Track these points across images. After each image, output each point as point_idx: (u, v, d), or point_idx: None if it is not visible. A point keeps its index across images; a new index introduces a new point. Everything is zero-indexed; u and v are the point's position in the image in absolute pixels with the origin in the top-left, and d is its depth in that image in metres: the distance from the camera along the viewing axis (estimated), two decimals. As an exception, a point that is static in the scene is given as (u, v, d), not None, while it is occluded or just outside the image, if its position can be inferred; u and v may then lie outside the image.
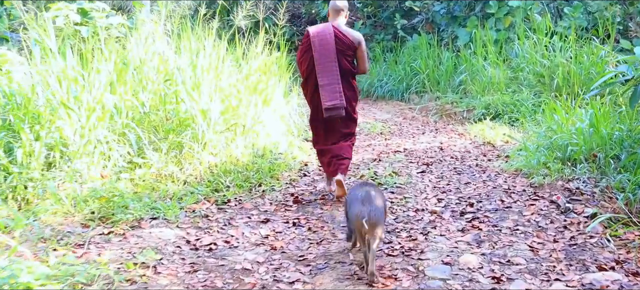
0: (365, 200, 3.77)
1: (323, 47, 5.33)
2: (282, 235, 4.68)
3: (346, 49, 5.42)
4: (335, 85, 5.33)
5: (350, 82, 5.52)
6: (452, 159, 7.28)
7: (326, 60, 5.32)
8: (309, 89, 5.55)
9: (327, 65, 5.33)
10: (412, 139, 8.75)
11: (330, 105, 5.33)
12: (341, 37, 5.41)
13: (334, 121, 5.49)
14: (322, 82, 5.34)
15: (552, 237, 4.47)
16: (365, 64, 5.57)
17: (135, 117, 6.21)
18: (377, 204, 3.79)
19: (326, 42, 5.34)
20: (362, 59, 5.52)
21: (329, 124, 5.53)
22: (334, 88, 5.33)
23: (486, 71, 11.26)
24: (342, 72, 5.40)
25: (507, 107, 9.97)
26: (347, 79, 5.48)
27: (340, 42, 5.39)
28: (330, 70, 5.33)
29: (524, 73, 10.83)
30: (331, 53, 5.33)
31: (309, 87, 5.54)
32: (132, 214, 4.78)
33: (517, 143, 7.67)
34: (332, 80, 5.33)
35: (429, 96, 12.51)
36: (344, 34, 5.44)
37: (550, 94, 10.17)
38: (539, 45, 11.09)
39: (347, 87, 5.47)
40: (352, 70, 5.52)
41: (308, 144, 8.06)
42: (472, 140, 8.47)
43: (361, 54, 5.49)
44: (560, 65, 10.28)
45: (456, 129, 9.54)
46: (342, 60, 5.40)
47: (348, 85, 5.48)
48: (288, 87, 8.98)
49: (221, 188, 5.70)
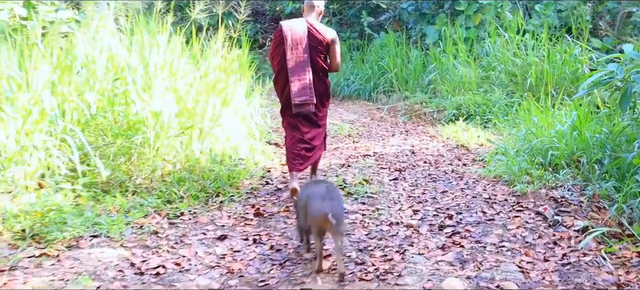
0: (326, 197, 3.67)
1: (295, 42, 5.26)
2: (241, 254, 4.11)
3: (319, 46, 5.34)
4: (305, 81, 5.27)
5: (322, 79, 5.46)
6: (426, 164, 6.79)
7: (298, 55, 5.26)
8: (280, 84, 5.46)
9: (298, 61, 5.27)
10: (381, 142, 8.24)
11: (300, 101, 5.27)
12: (315, 34, 5.31)
13: (304, 116, 5.41)
14: (292, 78, 5.27)
15: (542, 255, 4.00)
16: (338, 61, 5.47)
17: (80, 120, 5.59)
18: (338, 199, 3.75)
19: (299, 37, 5.27)
20: (335, 57, 5.43)
21: (300, 119, 5.43)
22: (305, 84, 5.27)
23: (457, 70, 10.83)
24: (314, 68, 5.33)
25: (479, 107, 9.56)
26: (319, 75, 5.41)
27: (313, 38, 5.30)
28: (301, 66, 5.27)
29: (496, 72, 10.44)
30: (303, 49, 5.26)
31: (280, 81, 5.44)
32: (70, 231, 4.17)
33: (493, 146, 7.24)
34: (302, 77, 5.27)
35: (398, 96, 12.03)
36: (318, 30, 5.34)
37: (523, 93, 9.80)
38: (510, 44, 10.72)
39: (320, 83, 5.42)
40: (324, 67, 5.44)
41: (271, 147, 7.51)
42: (445, 143, 8.00)
43: (334, 51, 5.41)
44: (533, 64, 9.92)
45: (427, 131, 9.07)
46: (315, 56, 5.33)
47: (320, 82, 5.43)
48: (250, 86, 8.41)
49: (174, 199, 5.11)
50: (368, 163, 6.79)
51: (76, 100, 5.53)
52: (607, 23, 12.52)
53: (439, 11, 12.95)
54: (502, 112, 9.38)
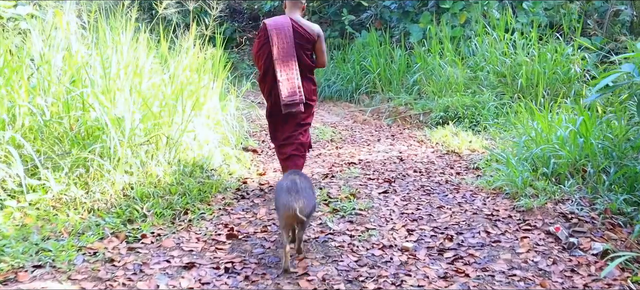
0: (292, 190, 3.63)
1: (281, 40, 5.10)
2: (210, 288, 3.48)
3: (305, 43, 5.20)
4: (294, 80, 5.11)
5: (309, 76, 5.34)
6: (417, 174, 6.20)
7: (285, 54, 5.09)
8: (267, 84, 5.25)
9: (285, 60, 5.10)
10: (366, 148, 7.64)
11: (289, 100, 5.10)
12: (300, 31, 5.17)
13: (293, 116, 5.26)
14: (280, 77, 5.08)
15: (560, 286, 3.43)
16: (324, 58, 5.36)
17: (33, 127, 4.92)
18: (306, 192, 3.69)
19: (285, 35, 5.11)
20: (321, 53, 5.32)
21: (288, 118, 5.28)
22: (293, 83, 5.11)
23: (443, 70, 10.27)
24: (301, 66, 5.19)
25: (467, 109, 9.01)
26: (306, 73, 5.28)
27: (299, 35, 5.16)
28: (289, 64, 5.11)
29: (484, 72, 9.91)
30: (290, 47, 5.11)
31: (267, 81, 5.24)
32: (8, 261, 3.52)
33: (486, 153, 6.69)
34: (290, 75, 5.10)
35: (381, 97, 11.44)
36: (303, 27, 5.20)
37: (513, 95, 9.28)
38: (498, 43, 10.20)
39: (307, 80, 5.28)
40: (311, 65, 5.31)
41: (248, 154, 6.88)
42: (435, 149, 7.43)
43: (320, 47, 5.29)
44: (523, 64, 9.40)
45: (414, 135, 8.50)
46: (301, 54, 5.18)
47: (307, 79, 5.30)
48: (225, 88, 7.78)
49: (136, 217, 4.46)
50: (354, 172, 6.18)
51: (27, 104, 4.87)
52: (595, 22, 12.05)
53: (423, 9, 12.39)
54: (492, 115, 8.86)
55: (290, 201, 3.52)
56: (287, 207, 3.53)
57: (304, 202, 3.57)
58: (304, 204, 3.56)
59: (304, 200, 3.57)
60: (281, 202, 3.62)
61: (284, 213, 3.58)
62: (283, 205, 3.58)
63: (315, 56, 5.37)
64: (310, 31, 5.20)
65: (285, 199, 3.57)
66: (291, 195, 3.56)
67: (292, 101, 5.10)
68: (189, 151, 5.64)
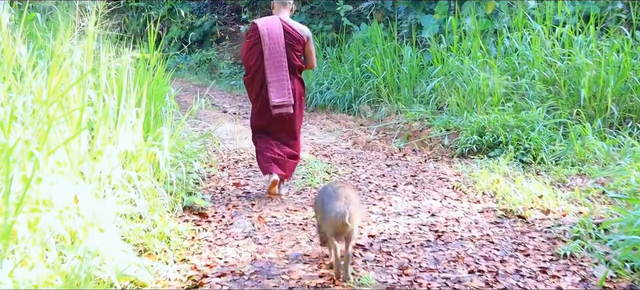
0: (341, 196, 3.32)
1: (273, 41, 4.92)
2: None
3: (295, 44, 5.03)
4: (284, 81, 4.96)
5: (299, 77, 5.15)
6: (476, 275, 3.39)
7: (275, 55, 4.93)
8: (256, 86, 5.04)
9: (276, 61, 4.94)
10: (378, 204, 4.78)
11: (278, 102, 4.91)
12: (290, 31, 5.01)
13: (281, 119, 4.99)
14: (270, 78, 4.93)
15: None
16: (314, 59, 5.29)
17: None
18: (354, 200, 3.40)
19: (276, 36, 4.94)
20: (311, 54, 5.21)
21: (276, 121, 5.00)
22: (283, 84, 4.95)
23: (471, 76, 7.51)
24: (291, 67, 5.01)
25: (511, 131, 6.28)
26: (296, 74, 5.09)
27: (289, 36, 4.99)
28: (279, 65, 4.94)
29: (527, 79, 7.17)
30: (280, 47, 4.95)
31: (256, 83, 5.03)
32: None
33: (566, 216, 4.00)
34: (281, 77, 4.95)
35: (388, 108, 8.63)
36: (293, 27, 5.04)
37: (571, 110, 6.57)
38: (546, 40, 7.46)
39: (297, 82, 5.09)
40: (301, 66, 5.13)
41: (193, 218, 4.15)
42: (484, 207, 4.61)
43: (310, 48, 5.16)
44: (585, 68, 6.66)
45: (445, 175, 5.66)
46: (291, 55, 5.01)
47: (297, 80, 5.11)
48: (163, 108, 5.02)
49: None
50: (366, 280, 3.37)
51: None
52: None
53: (438, -4, 9.63)
54: (545, 139, 6.14)
55: (340, 208, 3.22)
56: (339, 214, 3.21)
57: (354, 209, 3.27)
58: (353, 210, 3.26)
59: (353, 207, 3.27)
60: (329, 209, 3.28)
61: (334, 221, 3.23)
62: (332, 212, 3.24)
63: (305, 58, 5.20)
64: (300, 32, 5.05)
65: (335, 205, 3.25)
66: (340, 201, 3.27)
67: (281, 103, 4.93)
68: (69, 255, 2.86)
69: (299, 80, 5.12)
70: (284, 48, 4.91)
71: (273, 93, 4.89)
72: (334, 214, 3.22)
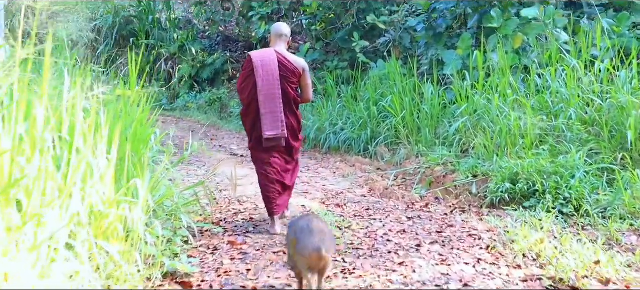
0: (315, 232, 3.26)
1: (266, 73, 4.86)
2: None
3: (290, 76, 4.94)
4: (277, 113, 4.87)
5: (294, 112, 5.05)
6: None
7: (269, 87, 4.86)
8: (250, 117, 4.98)
9: (270, 93, 4.86)
10: (400, 270, 3.91)
11: (270, 135, 4.86)
12: (285, 63, 4.92)
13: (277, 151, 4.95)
14: (263, 110, 4.85)
15: None
16: (310, 92, 5.13)
17: None
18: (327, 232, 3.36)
19: (270, 68, 4.87)
20: (307, 87, 5.08)
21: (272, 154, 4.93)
22: (276, 116, 4.86)
23: (501, 116, 6.73)
24: (285, 100, 4.92)
25: (548, 178, 5.47)
26: (291, 107, 5.00)
27: (284, 68, 4.91)
28: (273, 97, 4.86)
29: (564, 119, 6.37)
30: (275, 80, 4.87)
31: (250, 114, 4.97)
32: None
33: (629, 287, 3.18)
34: (274, 109, 4.86)
35: (407, 151, 7.84)
36: (288, 59, 4.95)
37: (614, 154, 5.77)
38: (583, 76, 6.69)
39: (291, 115, 5.00)
40: (296, 99, 5.04)
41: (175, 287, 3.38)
42: (527, 275, 3.79)
43: (305, 81, 5.05)
44: (630, 107, 5.87)
45: (476, 230, 4.83)
46: (286, 87, 4.93)
47: (292, 113, 5.02)
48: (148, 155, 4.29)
49: None
50: None
51: None
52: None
53: (460, 30, 8.92)
54: (587, 187, 5.32)
55: (316, 243, 3.17)
56: (316, 249, 3.16)
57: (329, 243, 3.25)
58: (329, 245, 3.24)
59: (328, 241, 3.25)
60: (304, 244, 3.21)
61: (309, 256, 3.18)
62: (309, 247, 3.18)
63: (301, 91, 5.12)
64: (295, 64, 4.97)
65: (310, 240, 3.19)
66: (314, 236, 3.21)
67: (273, 136, 4.86)
68: None
69: (294, 113, 5.05)
70: (278, 80, 4.87)
71: (266, 125, 4.86)
72: (311, 248, 3.19)
